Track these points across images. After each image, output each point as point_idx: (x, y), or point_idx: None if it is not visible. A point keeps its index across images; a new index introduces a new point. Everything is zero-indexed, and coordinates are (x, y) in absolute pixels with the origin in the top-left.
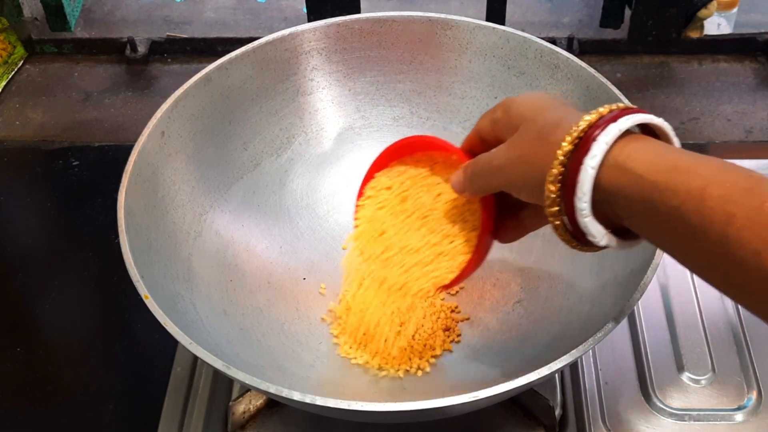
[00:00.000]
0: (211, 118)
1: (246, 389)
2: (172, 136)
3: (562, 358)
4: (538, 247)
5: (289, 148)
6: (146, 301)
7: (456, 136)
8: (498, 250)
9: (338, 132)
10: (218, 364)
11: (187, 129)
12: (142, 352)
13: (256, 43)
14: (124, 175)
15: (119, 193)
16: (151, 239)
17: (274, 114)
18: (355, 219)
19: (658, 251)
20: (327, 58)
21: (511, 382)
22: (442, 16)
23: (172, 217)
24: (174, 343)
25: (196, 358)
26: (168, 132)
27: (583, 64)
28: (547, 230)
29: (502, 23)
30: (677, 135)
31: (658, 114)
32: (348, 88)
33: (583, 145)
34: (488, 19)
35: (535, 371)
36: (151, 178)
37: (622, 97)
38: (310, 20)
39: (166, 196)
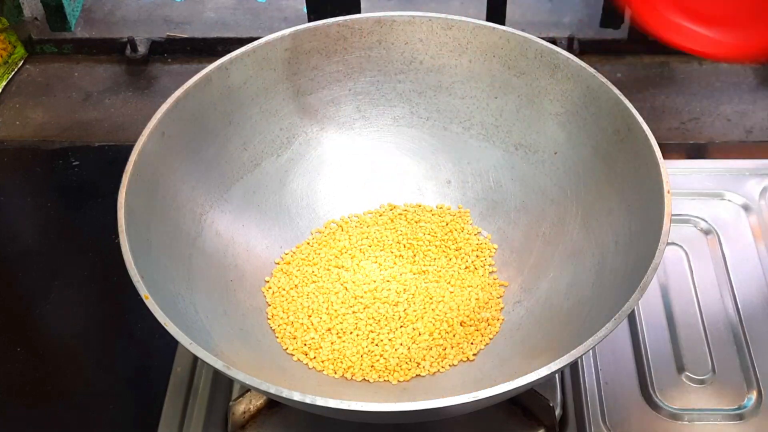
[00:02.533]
0: (211, 118)
1: (246, 389)
2: (172, 136)
3: (562, 358)
4: (538, 248)
5: (289, 148)
6: (146, 302)
7: (456, 136)
8: (498, 251)
9: (338, 132)
10: (218, 364)
11: (187, 129)
12: (142, 352)
13: (256, 43)
14: (124, 175)
15: (119, 193)
16: (151, 239)
17: (274, 114)
18: None
19: (658, 251)
20: (327, 58)
21: (511, 382)
22: (442, 16)
23: (172, 217)
24: (174, 343)
25: (196, 358)
26: (168, 132)
27: (583, 64)
28: (547, 230)
29: (503, 23)
30: (677, 135)
31: (658, 114)
32: (348, 88)
33: None
34: (488, 19)
35: (535, 371)
36: (151, 178)
37: (623, 98)
38: (310, 20)
39: (166, 196)
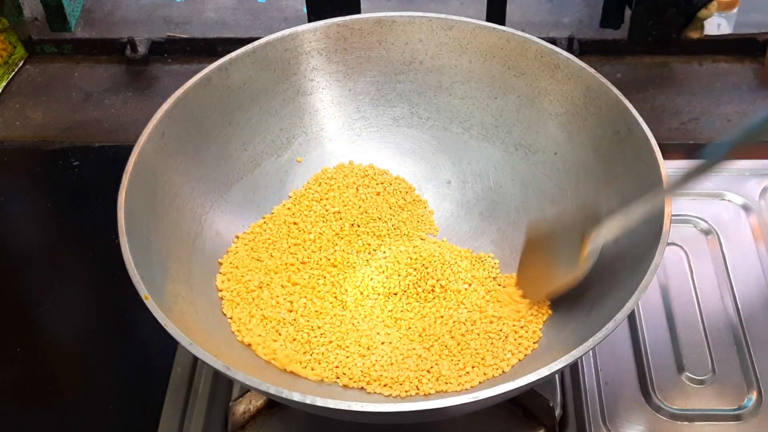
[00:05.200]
0: (211, 118)
1: (246, 389)
2: (172, 136)
3: (562, 358)
4: None
5: (289, 148)
6: (146, 302)
7: (456, 136)
8: (498, 252)
9: (338, 132)
10: (218, 364)
11: (187, 129)
12: (142, 352)
13: (256, 43)
14: (124, 175)
15: (119, 193)
16: (151, 239)
17: (274, 114)
18: None
19: (658, 251)
20: (327, 59)
21: (511, 382)
22: (442, 16)
23: (172, 218)
24: (174, 343)
25: (196, 358)
26: (168, 132)
27: (584, 65)
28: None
29: (502, 23)
30: (677, 135)
31: (658, 114)
32: (348, 89)
33: None
34: (488, 20)
35: (535, 372)
36: (151, 178)
37: (623, 98)
38: (310, 20)
39: (166, 196)
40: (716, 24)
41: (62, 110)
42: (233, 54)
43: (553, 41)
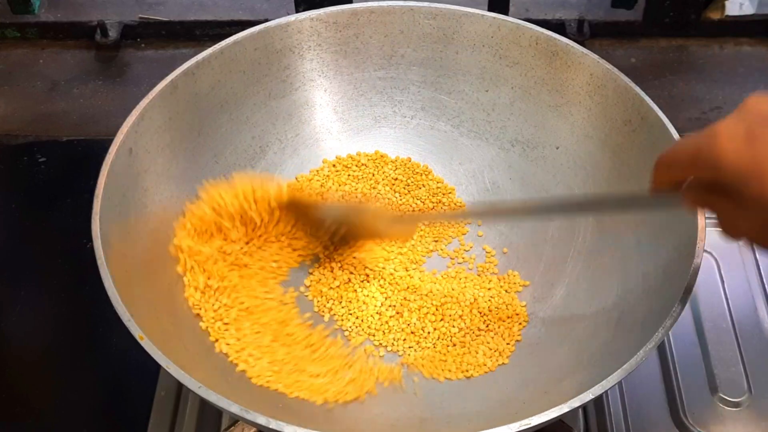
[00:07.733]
0: (179, 129)
1: (235, 419)
2: (139, 152)
3: (589, 391)
4: (548, 253)
5: (263, 158)
6: (142, 342)
7: (445, 135)
8: (502, 258)
9: (315, 137)
10: (234, 408)
11: (155, 143)
12: (121, 369)
13: (223, 43)
14: (95, 200)
15: (92, 220)
16: (131, 272)
17: (245, 121)
18: None
19: (698, 247)
20: (299, 56)
21: (536, 416)
22: (425, 4)
23: (147, 245)
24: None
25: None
26: (135, 148)
27: (585, 50)
28: (555, 233)
29: (506, 8)
30: (698, 126)
31: (676, 102)
32: (323, 89)
33: None
34: (490, 5)
35: (556, 407)
36: (122, 201)
37: (632, 84)
38: (298, 11)
39: (139, 221)
40: (738, 4)
41: (26, 101)
42: (199, 57)
43: (561, 23)
